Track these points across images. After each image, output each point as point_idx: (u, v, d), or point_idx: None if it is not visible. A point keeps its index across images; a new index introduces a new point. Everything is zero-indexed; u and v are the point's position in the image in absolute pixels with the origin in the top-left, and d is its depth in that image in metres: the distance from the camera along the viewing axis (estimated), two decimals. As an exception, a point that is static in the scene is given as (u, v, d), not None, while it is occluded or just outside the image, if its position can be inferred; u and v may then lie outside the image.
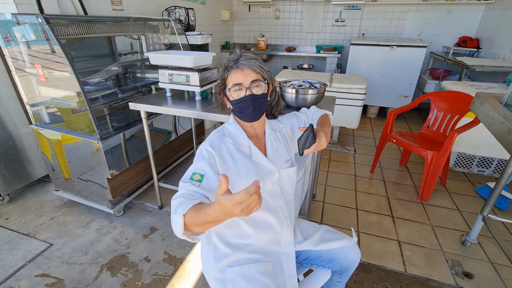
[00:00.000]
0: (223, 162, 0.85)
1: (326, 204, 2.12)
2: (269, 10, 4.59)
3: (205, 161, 0.83)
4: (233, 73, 0.88)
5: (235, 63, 0.88)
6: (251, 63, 0.87)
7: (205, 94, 1.76)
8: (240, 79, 0.87)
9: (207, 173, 0.79)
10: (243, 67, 0.86)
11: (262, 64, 0.91)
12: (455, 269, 1.58)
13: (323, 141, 0.86)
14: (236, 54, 0.90)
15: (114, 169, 1.80)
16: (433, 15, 3.91)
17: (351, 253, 1.02)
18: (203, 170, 0.80)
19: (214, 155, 0.84)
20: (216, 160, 0.84)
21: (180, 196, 0.72)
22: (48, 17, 1.43)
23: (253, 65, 0.87)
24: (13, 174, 2.02)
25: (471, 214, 2.03)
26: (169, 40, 2.65)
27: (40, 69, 1.63)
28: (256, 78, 0.88)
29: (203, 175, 0.79)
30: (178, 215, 0.65)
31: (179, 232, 0.66)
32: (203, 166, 0.81)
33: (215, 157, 0.84)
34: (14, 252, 1.64)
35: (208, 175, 0.79)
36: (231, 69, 0.88)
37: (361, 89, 2.80)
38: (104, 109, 1.91)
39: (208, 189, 0.76)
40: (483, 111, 1.39)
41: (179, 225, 0.65)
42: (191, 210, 0.64)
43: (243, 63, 0.86)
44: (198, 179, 0.78)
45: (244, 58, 0.88)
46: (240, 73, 0.87)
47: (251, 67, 0.87)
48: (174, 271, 1.55)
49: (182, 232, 0.65)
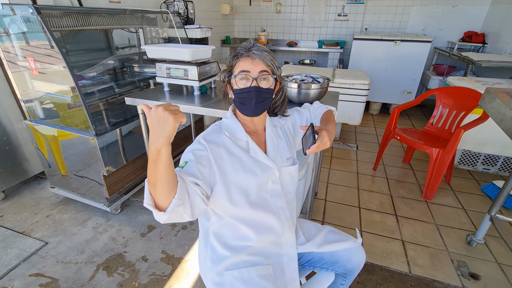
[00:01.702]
0: (218, 155, 0.81)
1: (328, 203, 2.07)
2: (270, 4, 4.50)
3: (194, 151, 0.79)
4: (242, 60, 0.83)
5: (246, 51, 0.83)
6: (263, 54, 0.82)
7: (204, 89, 1.71)
8: (248, 67, 0.82)
9: (191, 161, 0.76)
10: (254, 56, 0.81)
11: (274, 59, 0.86)
12: (461, 270, 1.53)
13: (325, 140, 0.81)
14: (249, 42, 0.85)
15: (110, 166, 1.75)
16: (437, 10, 3.82)
17: (356, 255, 0.98)
18: (189, 159, 0.77)
19: (206, 147, 0.81)
20: (209, 154, 0.80)
21: None
22: (39, 7, 1.37)
23: (265, 56, 0.82)
24: (8, 170, 1.97)
25: (476, 213, 1.98)
26: (168, 34, 2.58)
27: (32, 62, 1.57)
28: (265, 69, 0.83)
29: (186, 162, 0.76)
30: (145, 186, 0.64)
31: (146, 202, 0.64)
32: (190, 155, 0.78)
33: (208, 150, 0.80)
34: (8, 250, 1.60)
35: (191, 163, 0.76)
36: (241, 56, 0.83)
37: (364, 85, 2.74)
38: (100, 104, 1.85)
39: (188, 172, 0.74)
40: (493, 107, 1.33)
41: (147, 195, 0.64)
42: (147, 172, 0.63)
43: (255, 53, 0.82)
44: (182, 166, 0.76)
45: (257, 48, 0.83)
46: (250, 61, 0.82)
47: (262, 58, 0.82)
48: (172, 271, 1.51)
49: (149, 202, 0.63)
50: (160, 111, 0.57)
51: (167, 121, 0.57)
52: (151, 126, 0.58)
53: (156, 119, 0.57)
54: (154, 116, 0.58)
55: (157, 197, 0.64)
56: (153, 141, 0.59)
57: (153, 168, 0.61)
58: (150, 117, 0.58)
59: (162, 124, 0.57)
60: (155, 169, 0.60)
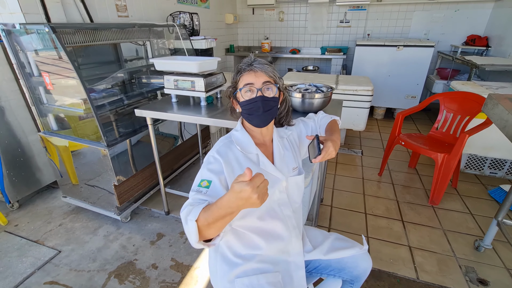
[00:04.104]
0: (230, 169, 0.84)
1: (334, 209, 2.09)
2: (273, 12, 4.58)
3: (212, 168, 0.82)
4: (245, 75, 0.88)
5: (248, 66, 0.88)
6: (265, 67, 0.87)
7: (210, 100, 1.76)
8: (252, 79, 0.87)
9: (214, 180, 0.80)
10: (256, 69, 0.87)
11: (275, 70, 0.91)
12: (469, 275, 1.53)
13: (330, 151, 0.85)
14: (250, 58, 0.91)
15: (120, 175, 1.81)
16: (440, 14, 3.85)
17: (362, 261, 1.00)
18: (210, 177, 0.80)
19: (221, 162, 0.84)
20: (224, 168, 0.83)
21: (187, 205, 0.73)
22: (54, 26, 1.44)
23: (266, 68, 0.87)
24: (22, 181, 2.04)
25: (484, 218, 1.97)
26: (174, 45, 2.66)
27: (47, 77, 1.65)
28: (268, 80, 0.88)
29: (210, 181, 0.79)
30: (190, 223, 0.65)
31: (194, 240, 0.66)
32: (209, 173, 0.81)
33: (222, 164, 0.83)
34: (23, 259, 1.65)
35: (215, 182, 0.79)
36: (244, 71, 0.88)
37: (368, 91, 2.76)
38: (110, 115, 1.92)
39: (214, 196, 0.76)
40: (496, 113, 1.35)
41: (193, 233, 0.65)
42: (202, 212, 0.65)
43: (256, 66, 0.87)
44: (206, 185, 0.78)
45: (258, 62, 0.88)
46: (253, 74, 0.87)
47: (264, 70, 0.87)
48: (182, 278, 1.54)
49: (197, 240, 0.66)
50: (255, 197, 0.59)
51: (254, 204, 0.61)
52: (241, 195, 0.60)
53: (248, 196, 0.59)
54: (248, 194, 0.59)
55: (206, 234, 0.68)
56: (236, 204, 0.62)
57: (220, 218, 0.65)
58: (245, 192, 0.59)
59: (250, 202, 0.61)
60: (222, 219, 0.65)
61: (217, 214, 0.64)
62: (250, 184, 0.58)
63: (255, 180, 0.59)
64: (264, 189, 0.61)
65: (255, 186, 0.59)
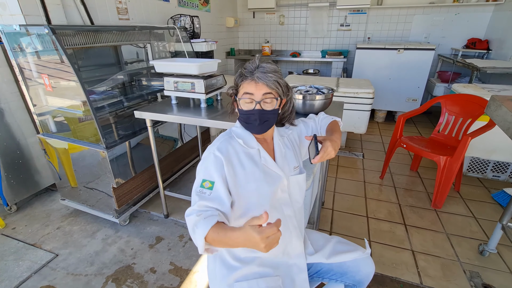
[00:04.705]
0: (231, 166, 0.83)
1: (336, 212, 2.06)
2: (274, 16, 4.60)
3: (213, 167, 0.81)
4: (246, 83, 0.85)
5: (250, 74, 0.84)
6: (267, 77, 0.82)
7: (210, 101, 1.74)
8: (252, 89, 0.84)
9: (216, 181, 0.79)
10: (258, 80, 0.82)
11: (279, 78, 0.86)
12: (474, 280, 1.50)
13: (329, 150, 0.83)
14: (254, 63, 0.85)
15: (119, 178, 1.79)
16: (440, 18, 3.86)
17: (365, 265, 0.97)
18: (212, 177, 0.80)
19: (222, 159, 0.82)
20: (224, 165, 0.82)
21: (193, 213, 0.74)
22: (54, 27, 1.44)
23: (268, 80, 0.82)
24: (21, 183, 2.02)
25: (488, 222, 1.94)
26: (175, 48, 2.66)
27: (47, 79, 1.64)
28: (269, 91, 0.84)
29: (213, 182, 0.79)
30: (199, 238, 0.69)
31: (200, 251, 0.71)
32: (211, 173, 0.80)
33: (223, 162, 0.82)
34: (20, 263, 1.63)
35: (217, 184, 0.79)
36: (245, 78, 0.85)
37: (369, 93, 2.75)
38: (110, 117, 1.90)
39: (218, 198, 0.77)
40: (499, 115, 1.33)
41: (201, 246, 0.70)
42: (211, 231, 0.69)
43: (258, 76, 0.82)
44: (209, 187, 0.78)
45: (261, 70, 0.83)
46: (254, 85, 0.83)
47: (265, 82, 0.82)
48: (180, 282, 1.51)
49: (203, 251, 0.71)
50: (262, 246, 0.62)
51: (260, 250, 0.63)
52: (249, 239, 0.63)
53: (256, 243, 0.62)
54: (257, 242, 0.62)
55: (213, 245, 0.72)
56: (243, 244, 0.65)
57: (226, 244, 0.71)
58: (254, 239, 0.61)
59: (257, 248, 0.63)
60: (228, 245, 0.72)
61: (224, 242, 0.68)
62: (261, 234, 0.60)
63: (266, 231, 0.61)
64: (274, 240, 0.62)
65: (265, 237, 0.60)
